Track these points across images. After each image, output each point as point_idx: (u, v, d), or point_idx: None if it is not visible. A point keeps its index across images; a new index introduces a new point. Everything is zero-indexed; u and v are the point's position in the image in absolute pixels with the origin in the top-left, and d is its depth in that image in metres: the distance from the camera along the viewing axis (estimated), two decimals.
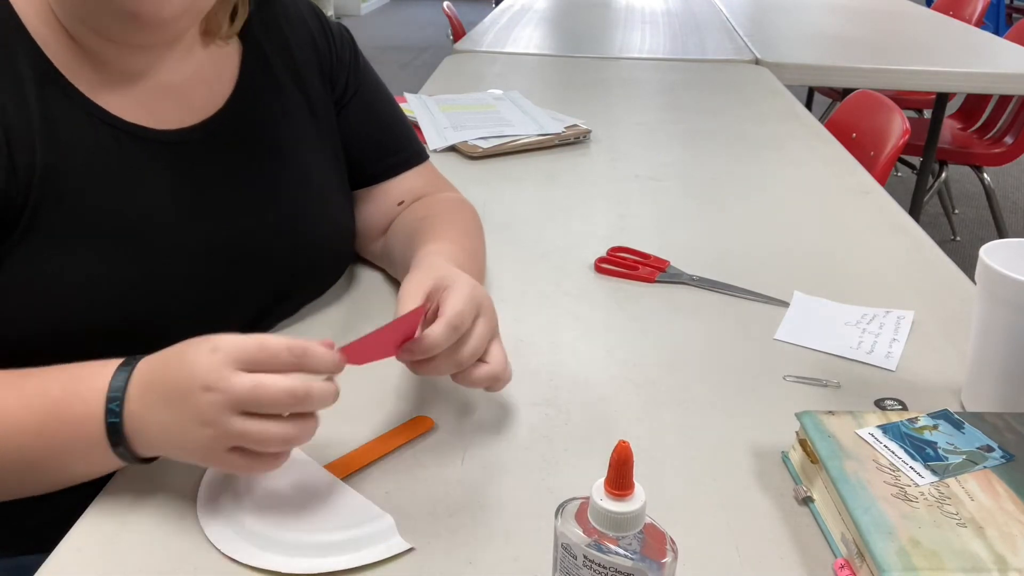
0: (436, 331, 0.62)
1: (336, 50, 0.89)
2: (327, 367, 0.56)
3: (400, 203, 0.94)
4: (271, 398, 0.54)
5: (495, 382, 0.67)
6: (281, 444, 0.56)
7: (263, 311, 0.81)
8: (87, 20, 0.68)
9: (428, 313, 0.65)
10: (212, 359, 0.55)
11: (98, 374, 0.59)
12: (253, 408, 0.54)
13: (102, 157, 0.69)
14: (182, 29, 0.73)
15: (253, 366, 0.55)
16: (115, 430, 0.58)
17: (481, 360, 0.66)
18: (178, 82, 0.75)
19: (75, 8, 0.68)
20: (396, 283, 0.93)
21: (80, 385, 0.59)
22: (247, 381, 0.54)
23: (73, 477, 0.62)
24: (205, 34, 0.78)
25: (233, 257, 0.77)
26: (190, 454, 0.58)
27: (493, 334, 0.68)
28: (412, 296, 0.65)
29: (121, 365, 0.59)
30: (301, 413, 0.56)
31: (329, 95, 0.88)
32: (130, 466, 0.63)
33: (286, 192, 0.81)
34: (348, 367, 0.58)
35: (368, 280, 0.94)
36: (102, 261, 0.68)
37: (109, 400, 0.58)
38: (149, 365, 0.59)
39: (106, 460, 0.59)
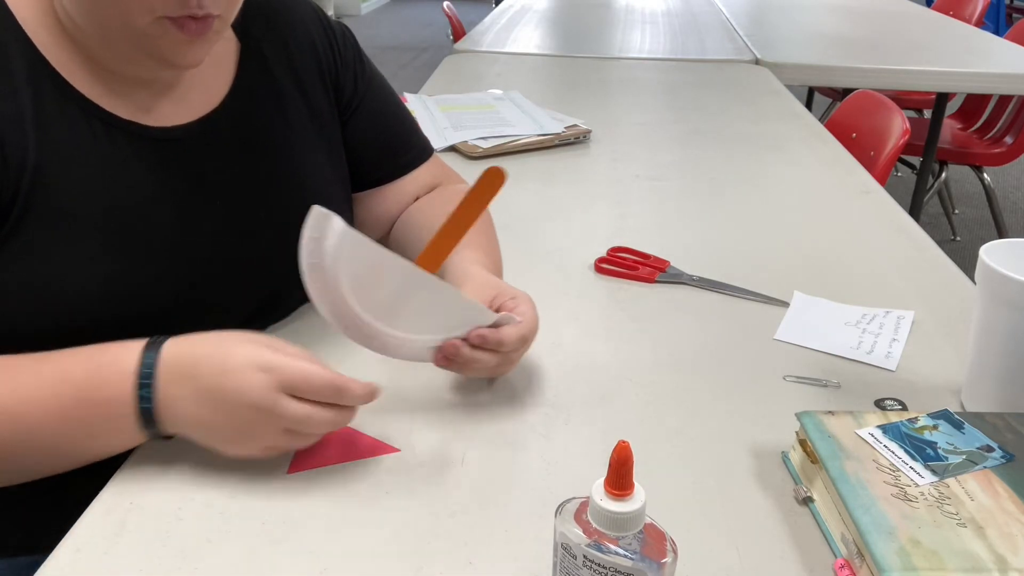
0: (511, 334, 0.69)
1: (339, 52, 0.88)
2: (361, 402, 0.63)
3: (415, 199, 0.95)
4: (317, 428, 0.62)
5: (522, 344, 0.71)
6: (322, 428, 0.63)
7: (254, 312, 0.81)
8: (110, 50, 0.68)
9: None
10: (262, 380, 0.59)
11: (122, 357, 0.61)
12: (299, 429, 0.61)
13: (96, 153, 0.69)
14: None
15: (297, 394, 0.60)
16: (147, 415, 0.61)
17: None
18: (176, 82, 0.75)
19: (100, 39, 0.68)
20: None
21: (104, 369, 0.61)
22: (299, 411, 0.60)
23: (95, 456, 0.64)
24: None
25: (225, 256, 0.76)
26: (232, 447, 0.63)
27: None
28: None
29: (146, 348, 0.62)
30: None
31: (331, 99, 0.87)
32: (130, 466, 0.65)
33: (279, 193, 0.80)
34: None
35: None
36: (91, 256, 0.68)
37: (140, 386, 0.60)
38: (178, 351, 0.62)
39: (132, 439, 0.63)
